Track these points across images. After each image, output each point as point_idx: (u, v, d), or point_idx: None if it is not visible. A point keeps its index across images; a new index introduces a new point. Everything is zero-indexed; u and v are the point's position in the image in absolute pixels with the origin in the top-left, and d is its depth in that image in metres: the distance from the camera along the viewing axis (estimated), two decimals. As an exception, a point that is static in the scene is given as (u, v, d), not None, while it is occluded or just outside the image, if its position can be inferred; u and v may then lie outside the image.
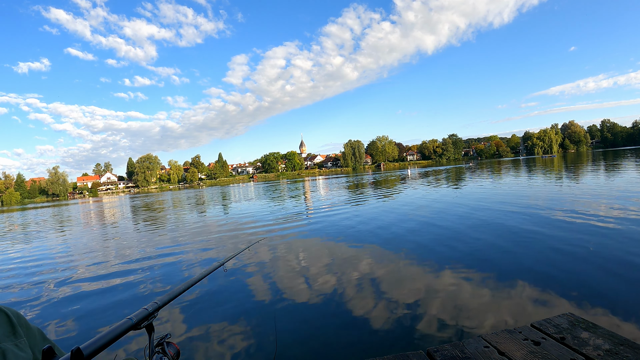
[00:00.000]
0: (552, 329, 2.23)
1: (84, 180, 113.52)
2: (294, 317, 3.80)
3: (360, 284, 4.61)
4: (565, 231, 6.40)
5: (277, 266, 5.83)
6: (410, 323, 3.39)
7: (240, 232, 9.82)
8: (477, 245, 6.01)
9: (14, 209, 49.71)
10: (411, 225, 8.38)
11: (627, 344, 1.96)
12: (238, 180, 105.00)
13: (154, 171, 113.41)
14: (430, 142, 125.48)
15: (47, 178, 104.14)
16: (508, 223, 7.59)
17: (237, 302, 4.36)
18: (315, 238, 7.92)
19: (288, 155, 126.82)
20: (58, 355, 0.70)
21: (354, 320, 3.58)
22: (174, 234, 10.53)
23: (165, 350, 0.91)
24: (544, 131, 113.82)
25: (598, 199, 9.81)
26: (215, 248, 7.82)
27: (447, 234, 7.08)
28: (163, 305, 0.94)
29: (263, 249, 7.05)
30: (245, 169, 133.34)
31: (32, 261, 8.23)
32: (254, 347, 3.23)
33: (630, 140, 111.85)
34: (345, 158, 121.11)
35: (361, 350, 2.99)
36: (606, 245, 5.30)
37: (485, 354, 2.04)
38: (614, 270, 4.29)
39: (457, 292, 4.03)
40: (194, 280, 1.15)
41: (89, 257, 8.06)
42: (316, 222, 10.35)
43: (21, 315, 0.92)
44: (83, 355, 0.64)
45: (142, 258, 7.36)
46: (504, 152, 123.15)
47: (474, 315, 3.43)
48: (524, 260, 4.97)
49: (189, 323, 3.84)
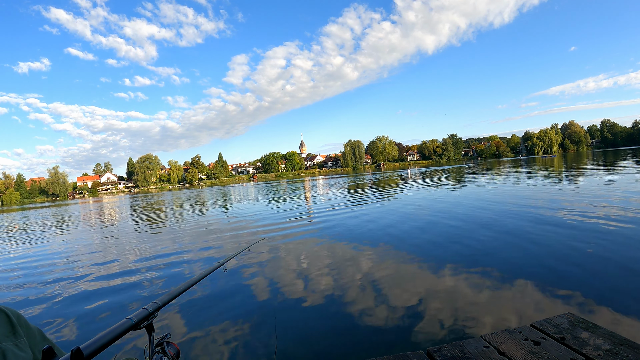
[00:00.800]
0: (552, 329, 2.23)
1: (84, 180, 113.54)
2: (294, 317, 3.80)
3: (360, 283, 4.61)
4: (565, 231, 6.39)
5: (278, 266, 5.83)
6: (410, 323, 3.39)
7: (241, 232, 9.82)
8: (476, 246, 6.01)
9: (14, 209, 49.71)
10: (410, 224, 8.38)
11: (627, 344, 1.96)
12: (238, 180, 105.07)
13: (154, 171, 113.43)
14: (430, 142, 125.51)
15: (47, 178, 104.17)
16: (508, 223, 7.59)
17: (237, 302, 4.37)
18: (315, 238, 7.92)
19: (288, 155, 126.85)
20: (58, 355, 0.70)
21: (354, 320, 3.58)
22: (174, 234, 10.53)
23: (165, 350, 0.91)
24: (544, 131, 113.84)
25: (598, 199, 9.81)
26: (215, 248, 7.82)
27: (447, 234, 7.08)
28: (163, 305, 0.94)
29: (263, 249, 7.05)
30: (245, 169, 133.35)
31: (32, 261, 8.23)
32: (254, 347, 3.23)
33: (630, 140, 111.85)
34: (345, 158, 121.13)
35: (361, 350, 2.99)
36: (606, 245, 5.29)
37: (485, 354, 2.04)
38: (614, 270, 4.29)
39: (457, 292, 4.03)
40: (194, 280, 1.15)
41: (89, 257, 8.06)
42: (316, 222, 10.36)
43: (21, 315, 0.92)
44: (83, 355, 0.64)
45: (142, 258, 7.37)
46: (504, 152, 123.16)
47: (474, 315, 3.43)
48: (524, 260, 4.97)
49: (189, 323, 3.84)
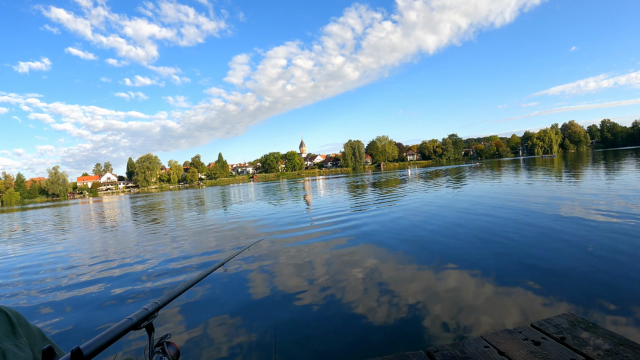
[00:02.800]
0: (552, 329, 2.23)
1: (84, 180, 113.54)
2: (294, 317, 3.80)
3: (360, 283, 4.61)
4: (565, 230, 6.39)
5: (278, 266, 5.83)
6: (410, 323, 3.39)
7: (241, 232, 9.82)
8: (476, 246, 6.01)
9: (13, 209, 49.71)
10: (408, 223, 8.38)
11: (627, 344, 1.96)
12: (238, 180, 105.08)
13: (154, 171, 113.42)
14: (430, 142, 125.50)
15: (47, 178, 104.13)
16: (508, 222, 7.59)
17: (237, 302, 4.37)
18: (315, 238, 7.92)
19: (288, 155, 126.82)
20: (58, 355, 0.70)
21: (353, 320, 3.58)
22: (174, 233, 10.53)
23: (165, 350, 0.91)
24: (544, 131, 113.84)
25: (598, 198, 9.81)
26: (215, 248, 7.82)
27: (446, 235, 7.07)
28: (163, 305, 0.94)
29: (264, 249, 7.05)
30: (245, 169, 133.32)
31: (32, 261, 8.23)
32: (254, 347, 3.23)
33: (630, 140, 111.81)
34: (345, 158, 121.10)
35: (361, 350, 2.99)
36: (606, 245, 5.29)
37: (485, 354, 2.04)
38: (614, 269, 4.29)
39: (457, 292, 4.03)
40: (194, 280, 1.15)
41: (89, 257, 8.06)
42: (316, 221, 10.35)
43: (21, 315, 0.92)
44: (83, 355, 0.64)
45: (142, 258, 7.36)
46: (504, 152, 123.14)
47: (474, 315, 3.43)
48: (524, 260, 4.96)
49: (189, 323, 3.84)
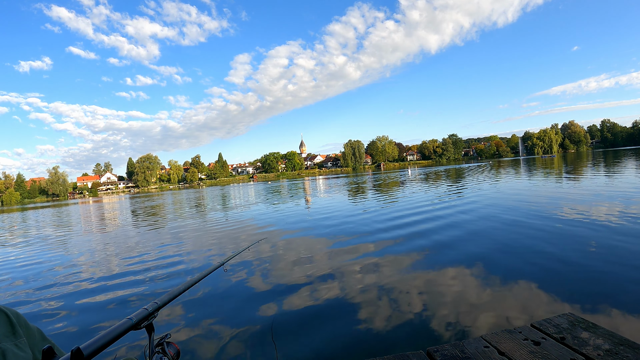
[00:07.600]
0: (552, 329, 2.23)
1: (84, 180, 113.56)
2: (294, 317, 3.79)
3: (360, 283, 4.61)
4: (566, 230, 6.39)
5: (278, 266, 5.82)
6: (410, 323, 3.39)
7: (241, 231, 9.81)
8: (476, 246, 6.01)
9: (13, 209, 49.70)
10: (406, 222, 8.39)
11: (627, 344, 1.96)
12: (238, 180, 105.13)
13: (154, 171, 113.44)
14: (430, 142, 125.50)
15: (47, 178, 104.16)
16: (508, 222, 7.59)
17: (238, 302, 4.37)
18: (315, 237, 7.92)
19: (288, 155, 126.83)
20: (58, 355, 0.70)
21: (353, 320, 3.58)
22: (174, 233, 10.52)
23: (165, 350, 0.91)
24: (543, 131, 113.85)
25: (598, 198, 9.81)
26: (215, 248, 7.82)
27: (446, 234, 7.07)
28: (163, 305, 0.94)
29: (264, 249, 7.05)
30: (245, 169, 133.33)
31: (32, 261, 8.23)
32: (254, 347, 3.23)
33: (631, 140, 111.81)
34: (345, 158, 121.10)
35: (361, 350, 2.99)
36: (606, 245, 5.29)
37: (485, 354, 2.04)
38: (614, 269, 4.29)
39: (457, 292, 4.03)
40: (194, 280, 1.15)
41: (89, 257, 8.06)
42: (316, 221, 10.35)
43: (21, 315, 0.92)
44: (83, 355, 0.64)
45: (143, 258, 7.36)
46: (504, 152, 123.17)
47: (474, 315, 3.43)
48: (524, 260, 4.96)
49: (189, 323, 3.84)
